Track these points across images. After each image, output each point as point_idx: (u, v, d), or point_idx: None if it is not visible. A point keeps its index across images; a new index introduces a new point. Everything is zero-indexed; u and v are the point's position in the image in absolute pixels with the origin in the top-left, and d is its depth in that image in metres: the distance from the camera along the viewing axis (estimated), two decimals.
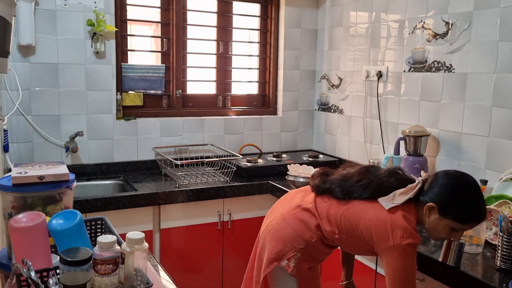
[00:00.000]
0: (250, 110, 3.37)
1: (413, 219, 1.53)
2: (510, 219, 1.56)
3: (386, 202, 1.55)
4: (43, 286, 1.04)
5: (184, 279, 2.59)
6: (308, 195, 1.74)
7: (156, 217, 2.54)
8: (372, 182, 1.61)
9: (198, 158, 3.05)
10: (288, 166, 2.65)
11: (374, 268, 2.06)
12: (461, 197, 1.50)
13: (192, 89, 3.19)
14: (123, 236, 1.21)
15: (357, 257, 2.12)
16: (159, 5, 3.01)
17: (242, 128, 3.27)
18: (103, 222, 1.49)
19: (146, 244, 1.18)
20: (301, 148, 3.52)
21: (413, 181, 1.61)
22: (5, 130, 2.43)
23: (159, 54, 3.07)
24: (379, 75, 2.83)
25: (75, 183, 1.41)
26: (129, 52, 2.96)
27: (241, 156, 2.88)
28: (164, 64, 3.05)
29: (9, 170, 2.23)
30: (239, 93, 3.37)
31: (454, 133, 2.39)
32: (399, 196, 1.55)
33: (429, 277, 1.71)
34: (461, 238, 1.64)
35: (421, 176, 1.60)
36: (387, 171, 1.65)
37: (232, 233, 2.72)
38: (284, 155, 3.17)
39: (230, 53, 3.27)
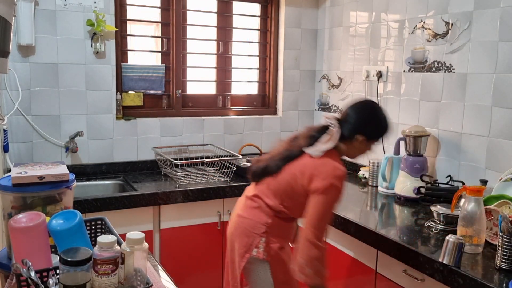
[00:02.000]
0: (250, 110, 3.37)
1: (336, 155, 1.78)
2: (510, 219, 1.56)
3: (313, 150, 1.75)
4: (43, 286, 1.04)
5: (184, 279, 2.59)
6: (250, 187, 1.93)
7: (156, 217, 2.54)
8: (295, 146, 1.82)
9: (198, 158, 3.05)
10: None
11: (374, 268, 2.06)
12: (377, 119, 1.81)
13: (192, 89, 3.19)
14: (123, 236, 1.21)
15: (357, 257, 2.12)
16: (159, 5, 3.01)
17: (242, 128, 3.27)
18: (103, 222, 1.49)
19: (146, 244, 1.17)
20: None
21: (325, 127, 1.81)
22: (5, 130, 2.43)
23: (159, 54, 3.07)
24: (379, 75, 2.83)
25: (75, 183, 1.41)
26: (129, 52, 2.96)
27: (241, 156, 2.88)
28: (164, 64, 3.05)
29: (9, 170, 2.23)
30: (239, 93, 3.37)
31: (454, 133, 2.39)
32: (324, 144, 1.75)
33: (429, 277, 1.71)
34: (461, 238, 1.64)
35: (335, 127, 1.79)
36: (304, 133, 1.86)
37: None
38: None
39: (230, 53, 3.27)
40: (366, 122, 1.80)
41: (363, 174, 2.85)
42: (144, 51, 3.05)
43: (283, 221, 1.81)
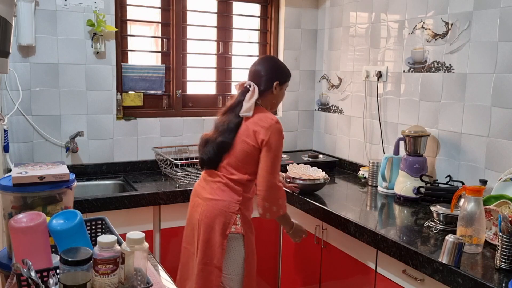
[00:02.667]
0: None
1: (263, 109, 2.04)
2: (510, 219, 1.56)
3: (245, 110, 2.00)
4: (43, 286, 1.05)
5: None
6: (208, 173, 2.08)
7: (156, 217, 2.54)
8: (231, 116, 2.05)
9: (198, 158, 3.04)
10: (287, 166, 2.65)
11: (374, 268, 2.06)
12: (280, 64, 2.12)
13: (192, 89, 3.19)
14: (123, 236, 1.22)
15: (357, 257, 2.12)
16: (159, 5, 3.02)
17: None
18: (103, 222, 1.49)
19: (146, 244, 1.18)
20: (301, 148, 3.52)
21: (245, 90, 2.07)
22: (5, 130, 2.44)
23: (159, 54, 3.07)
24: (379, 75, 2.83)
25: (75, 183, 1.41)
26: (129, 52, 2.97)
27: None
28: (164, 64, 3.05)
29: (9, 170, 2.24)
30: None
31: (453, 133, 2.39)
32: (249, 102, 2.01)
33: (429, 277, 1.71)
34: (461, 238, 1.65)
35: (251, 85, 2.04)
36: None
37: None
38: (284, 155, 3.17)
39: (230, 53, 3.27)
40: (274, 69, 2.09)
41: (363, 174, 2.85)
42: (144, 51, 3.06)
43: (249, 195, 2.05)
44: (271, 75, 2.06)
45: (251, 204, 2.07)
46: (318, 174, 2.61)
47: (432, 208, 2.06)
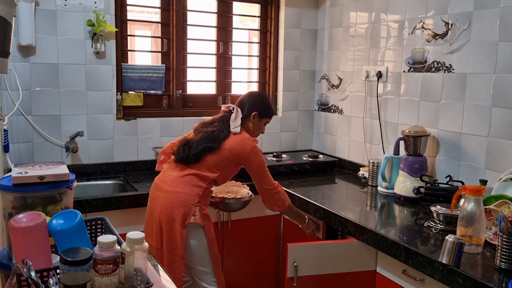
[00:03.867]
0: None
1: (245, 131, 2.25)
2: (510, 219, 1.56)
3: (233, 128, 2.20)
4: (43, 286, 1.05)
5: None
6: (176, 167, 2.20)
7: None
8: (220, 128, 2.22)
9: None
10: (212, 189, 2.43)
11: (374, 268, 2.06)
12: (264, 101, 2.32)
13: (192, 89, 3.19)
14: (123, 236, 1.22)
15: (356, 257, 2.12)
16: (159, 5, 3.02)
17: None
18: (103, 222, 1.49)
19: (146, 244, 1.18)
20: (301, 148, 3.52)
21: (229, 112, 2.27)
22: (5, 130, 2.44)
23: (159, 54, 3.07)
24: (379, 75, 2.83)
25: (75, 183, 1.41)
26: (129, 52, 2.97)
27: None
28: (164, 64, 3.05)
29: (9, 170, 2.24)
30: (239, 93, 3.37)
31: (453, 133, 2.39)
32: (234, 122, 2.22)
33: (429, 277, 1.71)
34: (461, 238, 1.65)
35: (235, 109, 2.24)
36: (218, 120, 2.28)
37: (232, 233, 2.72)
38: (284, 155, 3.17)
39: (230, 53, 3.27)
40: (258, 101, 2.29)
41: (363, 174, 2.85)
42: (144, 51, 3.06)
43: (209, 191, 2.20)
44: (253, 105, 2.26)
45: (209, 200, 2.23)
46: (242, 191, 2.52)
47: (432, 208, 2.07)
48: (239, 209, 2.48)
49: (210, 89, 3.29)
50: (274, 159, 3.08)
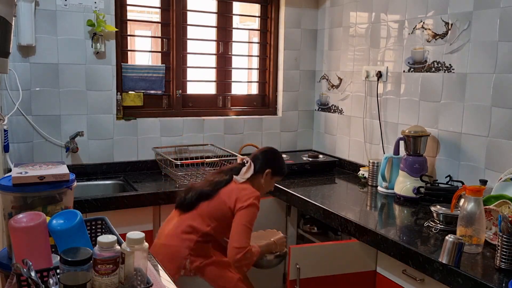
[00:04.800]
0: (250, 110, 3.38)
1: (252, 186, 2.19)
2: (510, 219, 1.56)
3: (238, 177, 2.17)
4: (43, 286, 1.05)
5: None
6: (178, 217, 2.15)
7: (156, 217, 2.54)
8: (224, 175, 2.21)
9: (198, 158, 3.05)
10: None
11: (374, 268, 2.06)
12: (279, 159, 2.29)
13: (192, 89, 3.19)
14: (123, 236, 1.22)
15: (356, 257, 2.12)
16: (159, 5, 3.02)
17: (242, 128, 3.28)
18: (103, 222, 1.49)
19: (146, 244, 1.18)
20: (301, 148, 3.52)
21: (242, 163, 2.23)
22: (5, 130, 2.44)
23: (159, 54, 3.07)
24: (379, 75, 2.83)
25: (75, 183, 1.41)
26: (129, 52, 2.97)
27: (241, 156, 2.88)
28: (164, 64, 3.05)
29: (9, 170, 2.23)
30: (239, 93, 3.37)
31: (453, 133, 2.39)
32: (244, 174, 2.18)
33: (429, 277, 1.71)
34: (461, 238, 1.65)
35: (249, 162, 2.21)
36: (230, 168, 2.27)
37: None
38: (284, 155, 3.16)
39: (230, 53, 3.27)
40: (272, 159, 2.26)
41: (363, 174, 2.85)
42: (144, 51, 3.06)
43: (205, 243, 2.11)
44: (268, 163, 2.23)
45: (207, 250, 2.13)
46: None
47: (432, 208, 2.07)
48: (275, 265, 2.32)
49: (210, 89, 3.29)
50: None
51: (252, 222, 2.09)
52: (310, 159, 3.12)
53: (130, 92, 2.95)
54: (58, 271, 1.11)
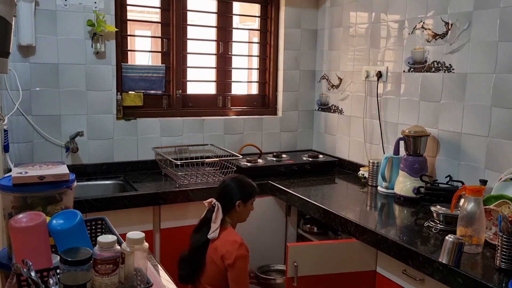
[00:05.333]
0: (250, 110, 3.38)
1: (229, 227, 2.19)
2: (510, 219, 1.56)
3: (211, 233, 2.13)
4: (43, 286, 1.05)
5: None
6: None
7: (156, 217, 2.54)
8: (199, 236, 2.19)
9: (198, 158, 3.05)
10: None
11: (374, 268, 2.06)
12: (243, 185, 2.23)
13: (192, 89, 3.19)
14: (123, 236, 1.22)
15: (356, 257, 2.12)
16: (159, 5, 3.02)
17: (242, 128, 3.28)
18: (103, 222, 1.49)
19: (146, 244, 1.18)
20: (301, 148, 3.52)
21: (212, 208, 2.18)
22: (5, 130, 2.44)
23: (159, 54, 3.07)
24: (379, 75, 2.83)
25: (75, 183, 1.41)
26: (129, 52, 2.97)
27: (241, 156, 2.88)
28: (164, 64, 3.05)
29: (9, 170, 2.24)
30: (239, 93, 3.37)
31: (453, 133, 2.39)
32: (215, 223, 2.14)
33: (429, 277, 1.71)
34: (461, 238, 1.65)
35: (216, 205, 2.17)
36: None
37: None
38: (284, 155, 3.17)
39: (230, 53, 3.27)
40: (237, 189, 2.22)
41: (363, 174, 2.85)
42: (145, 51, 3.06)
43: None
44: (234, 195, 2.20)
45: None
46: None
47: (432, 208, 2.07)
48: None
49: (210, 89, 3.29)
50: (274, 159, 3.08)
51: (244, 273, 2.12)
52: (310, 159, 3.12)
53: (130, 92, 2.95)
54: (58, 271, 1.11)
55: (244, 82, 3.46)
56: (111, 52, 2.81)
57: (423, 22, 2.53)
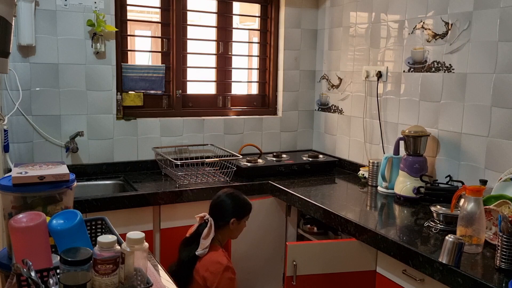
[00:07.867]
0: (250, 110, 3.38)
1: (217, 246, 2.14)
2: (510, 219, 1.56)
3: (200, 250, 2.09)
4: (43, 286, 1.05)
5: None
6: None
7: (156, 217, 2.54)
8: (188, 251, 2.15)
9: (198, 158, 3.05)
10: None
11: (374, 268, 2.06)
12: (238, 203, 2.20)
13: (192, 89, 3.19)
14: (123, 236, 1.22)
15: (356, 256, 2.12)
16: (159, 5, 3.02)
17: (242, 128, 3.28)
18: (103, 222, 1.49)
19: (146, 244, 1.18)
20: (301, 148, 3.52)
21: (204, 223, 2.15)
22: (5, 130, 2.44)
23: (159, 54, 3.07)
24: (379, 75, 2.83)
25: (75, 183, 1.41)
26: (129, 52, 2.97)
27: (241, 156, 2.88)
28: (164, 64, 3.05)
29: (9, 170, 2.24)
30: (239, 93, 3.37)
31: (453, 133, 2.39)
32: (205, 239, 2.09)
33: (429, 277, 1.71)
34: (461, 238, 1.65)
35: (209, 220, 2.14)
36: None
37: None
38: (284, 155, 3.17)
39: (230, 53, 3.27)
40: (233, 206, 2.18)
41: (363, 174, 2.85)
42: (145, 51, 3.06)
43: None
44: (229, 212, 2.17)
45: None
46: None
47: (432, 208, 2.07)
48: None
49: (210, 89, 3.29)
50: (274, 159, 3.08)
51: None
52: (310, 159, 3.12)
53: (130, 92, 2.95)
54: (58, 271, 1.11)
55: (244, 82, 3.46)
56: (111, 52, 2.81)
57: (423, 22, 2.53)
